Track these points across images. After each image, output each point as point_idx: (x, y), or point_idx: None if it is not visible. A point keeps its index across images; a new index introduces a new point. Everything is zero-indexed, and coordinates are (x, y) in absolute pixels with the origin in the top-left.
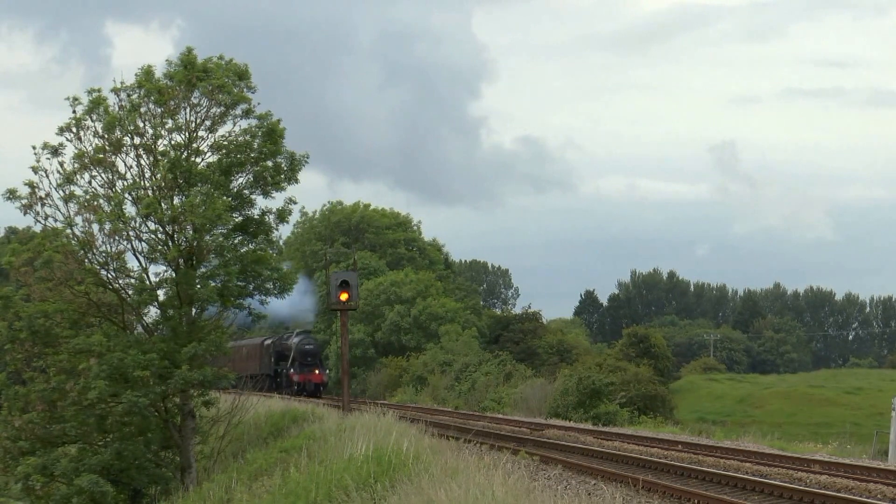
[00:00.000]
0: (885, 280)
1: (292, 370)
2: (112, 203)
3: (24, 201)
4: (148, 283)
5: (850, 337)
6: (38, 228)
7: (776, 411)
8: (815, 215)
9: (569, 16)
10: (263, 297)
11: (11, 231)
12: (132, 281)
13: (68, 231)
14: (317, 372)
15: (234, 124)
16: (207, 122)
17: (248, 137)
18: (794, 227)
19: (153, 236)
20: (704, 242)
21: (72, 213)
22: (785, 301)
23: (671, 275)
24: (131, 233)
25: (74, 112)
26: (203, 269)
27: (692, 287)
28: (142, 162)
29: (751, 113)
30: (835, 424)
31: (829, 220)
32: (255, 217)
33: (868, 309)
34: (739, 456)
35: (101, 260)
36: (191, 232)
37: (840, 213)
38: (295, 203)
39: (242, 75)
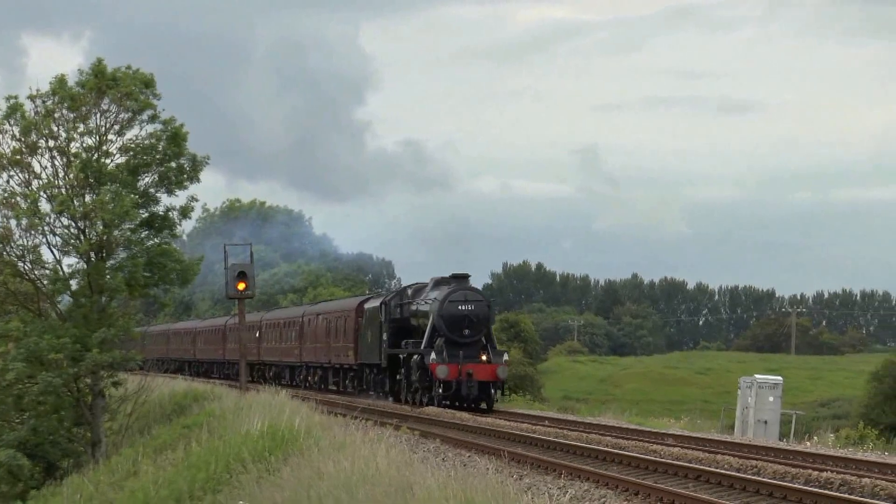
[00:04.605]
0: (732, 271)
1: (434, 356)
2: (28, 200)
3: None
4: (62, 273)
5: (701, 322)
6: None
7: (634, 390)
8: (671, 213)
9: (452, 30)
10: (168, 287)
11: None
12: (47, 272)
13: None
14: (484, 359)
15: (141, 128)
16: (116, 127)
17: (153, 140)
18: (652, 223)
19: (66, 231)
20: (570, 237)
21: None
22: (642, 290)
23: (539, 266)
24: (46, 228)
25: None
26: (112, 262)
27: (558, 277)
28: (56, 163)
29: (614, 119)
30: (687, 402)
31: (685, 218)
32: (161, 213)
33: (717, 297)
34: (601, 430)
35: (18, 252)
36: (101, 227)
37: (694, 211)
38: (197, 201)
39: (148, 83)
